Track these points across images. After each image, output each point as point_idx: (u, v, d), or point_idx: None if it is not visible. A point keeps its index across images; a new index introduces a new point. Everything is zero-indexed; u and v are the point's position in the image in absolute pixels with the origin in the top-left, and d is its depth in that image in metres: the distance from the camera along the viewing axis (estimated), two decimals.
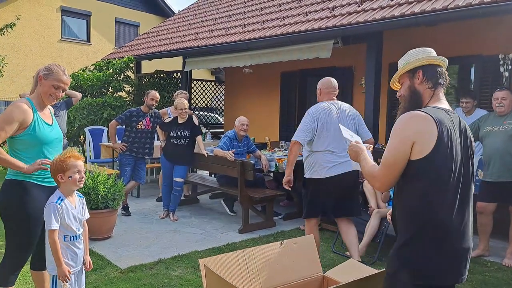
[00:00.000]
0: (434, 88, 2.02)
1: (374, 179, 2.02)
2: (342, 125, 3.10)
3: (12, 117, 2.71)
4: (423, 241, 1.91)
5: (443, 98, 2.04)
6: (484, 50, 6.19)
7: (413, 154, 1.87)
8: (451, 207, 1.89)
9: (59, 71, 2.87)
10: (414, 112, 1.92)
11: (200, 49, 8.28)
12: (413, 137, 1.86)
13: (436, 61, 2.06)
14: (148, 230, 5.47)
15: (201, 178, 6.96)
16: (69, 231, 2.69)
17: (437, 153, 1.85)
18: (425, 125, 1.86)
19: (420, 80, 2.03)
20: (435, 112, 1.92)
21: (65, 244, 2.68)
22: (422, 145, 1.85)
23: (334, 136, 3.97)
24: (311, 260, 3.07)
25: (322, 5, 7.12)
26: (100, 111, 9.21)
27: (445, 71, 2.08)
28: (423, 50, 2.10)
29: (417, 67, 2.06)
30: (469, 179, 1.98)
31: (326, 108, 4.08)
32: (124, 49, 11.59)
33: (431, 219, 1.89)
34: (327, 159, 4.00)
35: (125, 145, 6.12)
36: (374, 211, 4.70)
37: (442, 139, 1.85)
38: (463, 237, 1.95)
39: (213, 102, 12.01)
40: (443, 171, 1.87)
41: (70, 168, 2.68)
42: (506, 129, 4.44)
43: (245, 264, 2.80)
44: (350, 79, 8.09)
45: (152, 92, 6.26)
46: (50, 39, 16.78)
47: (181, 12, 12.67)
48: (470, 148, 2.02)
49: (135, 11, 19.36)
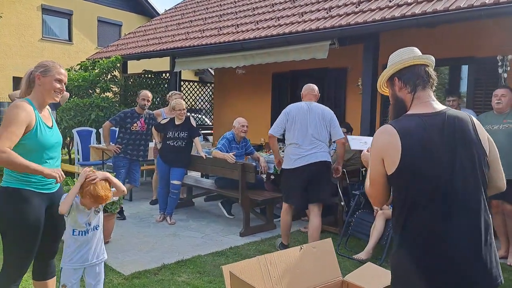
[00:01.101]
0: (413, 91, 1.91)
1: (368, 195, 2.02)
2: (350, 136, 3.76)
3: (20, 119, 2.55)
4: (404, 256, 1.84)
5: (426, 99, 1.89)
6: (478, 51, 6.26)
7: (386, 169, 1.83)
8: (437, 218, 1.77)
9: (55, 65, 2.76)
10: (382, 127, 1.88)
11: (192, 49, 8.16)
12: (381, 154, 1.83)
13: (413, 61, 1.94)
14: (146, 234, 5.33)
15: (196, 180, 6.84)
16: (78, 225, 2.76)
17: (405, 167, 1.77)
18: (388, 140, 1.80)
19: (399, 87, 1.95)
20: (407, 122, 1.83)
21: (74, 237, 2.76)
22: (389, 161, 1.80)
23: (300, 131, 4.50)
24: (330, 264, 3.01)
25: (318, 6, 7.10)
26: (88, 112, 8.98)
27: (427, 69, 1.93)
28: (398, 54, 1.99)
29: (393, 74, 1.97)
30: (464, 182, 1.78)
31: (298, 106, 4.64)
32: (110, 48, 11.36)
33: (411, 231, 1.82)
34: (293, 151, 4.55)
35: (119, 147, 5.97)
36: (379, 212, 4.68)
37: (407, 152, 1.76)
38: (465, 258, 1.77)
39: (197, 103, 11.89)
40: (417, 183, 1.77)
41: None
42: (507, 128, 4.43)
43: (267, 269, 2.73)
44: (344, 80, 8.10)
45: (143, 92, 6.11)
46: (31, 38, 16.35)
47: (168, 12, 12.49)
48: (467, 144, 1.80)
49: (118, 10, 19.04)
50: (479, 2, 4.72)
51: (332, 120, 4.60)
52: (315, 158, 4.46)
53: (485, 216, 1.81)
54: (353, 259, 4.52)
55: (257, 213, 5.78)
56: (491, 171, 1.88)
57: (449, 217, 1.77)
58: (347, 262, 4.46)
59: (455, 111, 1.89)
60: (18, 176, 2.63)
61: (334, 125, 4.60)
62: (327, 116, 4.58)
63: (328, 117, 4.58)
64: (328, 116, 4.58)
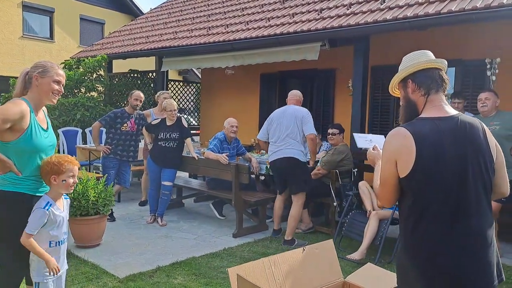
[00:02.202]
0: (427, 94, 1.93)
1: (377, 196, 2.05)
2: (356, 134, 4.58)
3: (7, 113, 2.44)
4: (410, 259, 1.89)
5: (439, 103, 1.92)
6: (465, 54, 6.37)
7: (399, 172, 1.84)
8: (446, 222, 1.81)
9: (54, 66, 2.69)
10: (396, 129, 1.90)
11: (181, 49, 8.09)
12: (394, 156, 1.84)
13: (427, 64, 1.96)
14: (138, 236, 5.26)
15: (186, 181, 6.79)
16: (55, 237, 2.63)
17: (418, 171, 1.79)
18: (402, 143, 1.82)
19: (412, 89, 1.96)
20: (420, 126, 1.85)
21: (51, 249, 2.62)
22: (403, 164, 1.82)
23: (276, 130, 5.11)
24: (331, 265, 3.02)
25: (308, 7, 7.12)
26: (73, 112, 8.83)
27: (441, 73, 1.96)
28: (412, 57, 2.02)
29: (406, 76, 1.99)
30: (474, 187, 1.81)
31: (277, 110, 5.28)
32: (95, 47, 11.18)
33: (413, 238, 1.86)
34: (270, 148, 5.21)
35: (109, 148, 5.88)
36: (372, 213, 4.72)
37: (421, 156, 1.79)
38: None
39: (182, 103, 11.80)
40: (430, 186, 1.80)
41: (65, 172, 2.61)
42: (494, 130, 4.50)
43: (271, 271, 2.72)
44: (333, 81, 8.14)
45: (136, 92, 6.06)
46: (11, 36, 15.98)
47: (154, 11, 12.37)
48: (477, 149, 1.83)
49: (100, 8, 18.76)
50: (470, 6, 4.80)
51: (303, 118, 5.02)
52: (282, 154, 5.04)
53: (490, 219, 1.87)
54: (346, 259, 4.54)
55: (249, 214, 5.76)
56: (497, 177, 1.91)
57: (458, 220, 1.80)
58: (341, 262, 4.41)
59: (467, 117, 1.91)
60: (11, 179, 2.56)
61: (306, 122, 5.01)
62: (299, 115, 5.02)
63: (300, 115, 5.02)
64: (300, 115, 5.02)
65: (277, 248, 4.84)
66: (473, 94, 6.10)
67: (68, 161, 2.64)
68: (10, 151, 2.53)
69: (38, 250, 2.54)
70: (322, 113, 8.38)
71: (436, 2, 5.31)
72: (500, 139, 4.36)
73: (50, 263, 2.57)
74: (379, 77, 7.37)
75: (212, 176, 5.85)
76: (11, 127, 2.48)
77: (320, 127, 7.91)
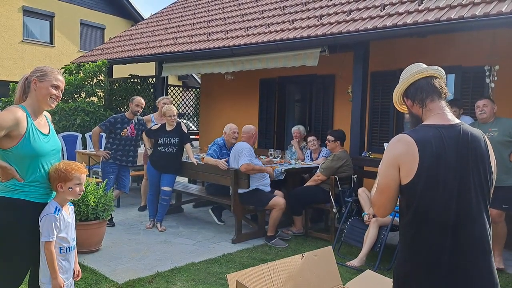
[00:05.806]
0: (423, 106, 1.96)
1: (372, 204, 2.04)
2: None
3: (5, 119, 2.44)
4: (410, 267, 1.89)
5: (440, 110, 1.93)
6: (465, 61, 6.40)
7: (401, 178, 1.85)
8: (447, 229, 1.82)
9: (53, 70, 2.68)
10: (399, 135, 1.92)
11: (181, 54, 8.11)
12: (398, 161, 1.85)
13: (415, 77, 1.99)
14: (137, 242, 5.25)
15: (185, 186, 6.79)
16: (65, 242, 2.61)
17: (421, 177, 1.81)
18: (406, 149, 1.84)
19: (410, 105, 2.03)
20: (424, 133, 1.87)
21: (61, 256, 2.59)
22: (406, 170, 1.83)
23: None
24: (331, 272, 3.02)
25: (308, 14, 7.15)
26: (73, 117, 8.84)
27: (433, 81, 1.96)
28: (404, 73, 2.05)
29: (402, 95, 2.06)
30: (475, 196, 1.83)
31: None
32: (95, 52, 11.21)
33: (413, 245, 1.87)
34: None
35: (109, 153, 5.89)
36: (372, 219, 4.72)
37: (425, 163, 1.81)
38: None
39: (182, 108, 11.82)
40: (432, 193, 1.81)
41: (72, 180, 2.59)
42: (493, 136, 4.53)
43: (270, 277, 2.72)
44: (332, 87, 8.16)
45: (137, 98, 6.08)
46: (11, 40, 16.01)
47: (154, 16, 12.41)
48: (478, 159, 1.86)
49: (101, 13, 18.79)
50: (469, 14, 4.82)
51: (239, 153, 5.40)
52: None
53: (488, 227, 1.88)
54: (346, 266, 4.54)
55: (248, 219, 5.76)
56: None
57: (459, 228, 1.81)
58: (341, 269, 4.43)
59: (469, 127, 1.93)
60: (14, 186, 2.56)
61: (241, 156, 5.34)
62: (238, 151, 5.43)
63: (239, 151, 5.43)
64: (239, 150, 5.43)
65: (276, 254, 4.84)
66: (472, 101, 6.11)
67: (75, 169, 2.62)
68: (11, 158, 2.52)
69: (55, 266, 2.52)
70: (321, 119, 8.39)
71: (435, 10, 5.34)
72: (498, 146, 4.40)
73: (56, 281, 2.53)
74: (379, 83, 7.40)
75: (211, 182, 5.85)
76: (8, 134, 2.48)
77: (319, 133, 7.93)
